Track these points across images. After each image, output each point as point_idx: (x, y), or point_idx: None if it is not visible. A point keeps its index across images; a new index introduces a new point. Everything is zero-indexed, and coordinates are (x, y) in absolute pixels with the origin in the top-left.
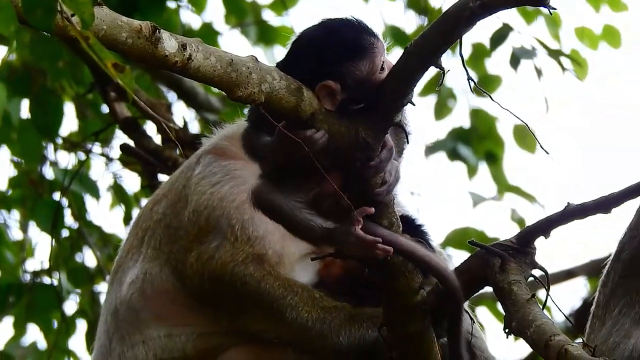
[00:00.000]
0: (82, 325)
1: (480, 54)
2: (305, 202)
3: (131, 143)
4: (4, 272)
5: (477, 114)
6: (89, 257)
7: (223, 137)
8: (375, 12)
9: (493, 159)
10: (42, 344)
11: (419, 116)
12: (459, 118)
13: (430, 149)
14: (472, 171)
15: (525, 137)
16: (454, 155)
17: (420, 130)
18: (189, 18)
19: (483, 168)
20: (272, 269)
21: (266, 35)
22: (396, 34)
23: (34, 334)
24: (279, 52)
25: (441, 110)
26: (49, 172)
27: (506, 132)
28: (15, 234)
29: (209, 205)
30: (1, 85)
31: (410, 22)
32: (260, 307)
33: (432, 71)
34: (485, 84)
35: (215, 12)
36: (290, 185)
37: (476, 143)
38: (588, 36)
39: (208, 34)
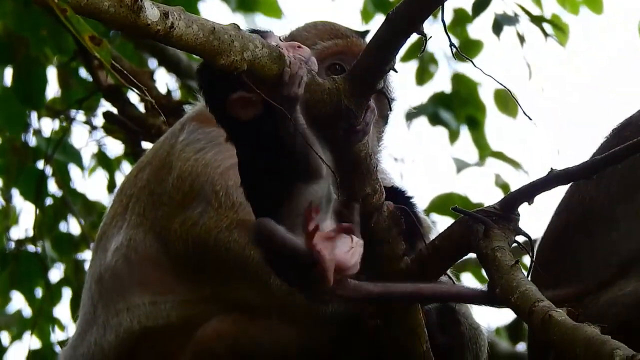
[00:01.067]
0: (66, 293)
1: (462, 19)
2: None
3: (115, 111)
4: None
5: (458, 79)
6: (73, 225)
7: None
8: None
9: (475, 124)
10: (27, 312)
11: (401, 82)
12: (441, 83)
13: (412, 114)
14: (453, 136)
15: (507, 102)
16: (435, 120)
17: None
18: None
19: (465, 134)
20: None
21: (246, 3)
22: (378, 2)
23: (18, 303)
24: (260, 20)
25: (423, 76)
26: (32, 141)
27: (488, 97)
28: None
29: (193, 171)
30: None
31: None
32: (245, 274)
33: (413, 37)
34: (467, 49)
35: None
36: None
37: (458, 108)
38: (569, 2)
39: (189, 1)
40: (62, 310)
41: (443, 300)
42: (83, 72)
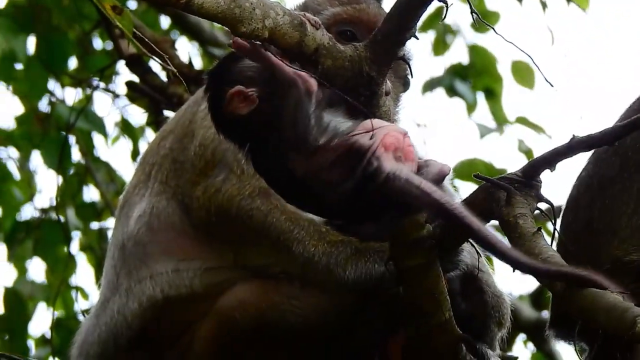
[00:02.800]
0: (87, 262)
1: None
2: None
3: (137, 80)
4: (11, 209)
5: (475, 51)
6: (96, 194)
7: None
8: None
9: (492, 95)
10: (45, 281)
11: (418, 52)
12: (457, 55)
13: (428, 86)
14: (470, 108)
15: (524, 73)
16: (452, 91)
17: (419, 67)
18: None
19: (483, 104)
20: (278, 202)
21: None
22: None
23: (36, 272)
24: None
25: (439, 47)
26: (55, 109)
27: (504, 68)
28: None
29: (215, 139)
30: (5, 22)
31: None
32: (267, 241)
33: (432, 6)
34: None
35: None
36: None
37: (475, 79)
38: None
39: None
40: (86, 278)
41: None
42: (99, 42)
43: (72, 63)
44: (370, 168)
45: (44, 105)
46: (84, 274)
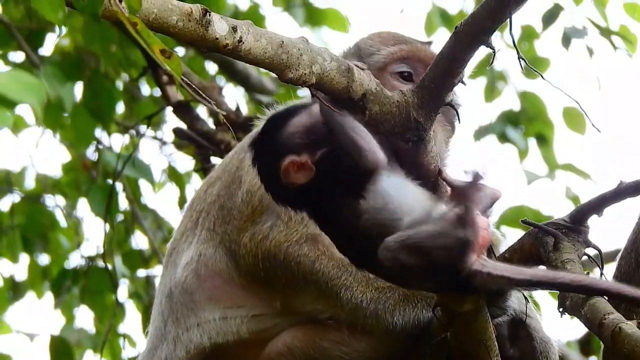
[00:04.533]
0: (135, 309)
1: (529, 35)
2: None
3: (184, 126)
4: (59, 257)
5: (526, 97)
6: (143, 241)
7: None
8: None
9: (543, 140)
10: (92, 329)
11: (470, 98)
12: (509, 101)
13: (480, 133)
14: (522, 154)
15: (575, 119)
16: (503, 138)
17: (470, 112)
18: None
19: (534, 148)
20: (326, 249)
21: (313, 17)
22: (442, 15)
23: (83, 319)
24: (326, 34)
25: (491, 93)
26: (102, 157)
27: (555, 114)
28: (70, 219)
29: None
30: (53, 69)
31: (455, 3)
32: (315, 288)
33: (481, 53)
34: (534, 66)
35: None
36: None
37: (526, 125)
38: (638, 11)
39: (256, 14)
40: (133, 325)
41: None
42: (146, 89)
43: (119, 109)
44: (461, 270)
45: (90, 152)
46: (131, 322)
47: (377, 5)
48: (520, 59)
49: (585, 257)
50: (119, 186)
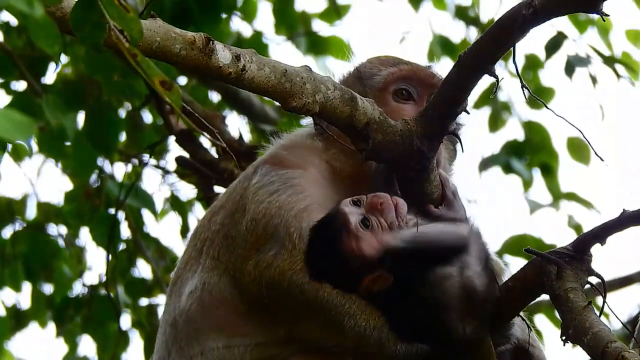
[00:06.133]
0: (139, 337)
1: (533, 64)
2: None
3: (187, 155)
4: (61, 286)
5: (530, 127)
6: (146, 270)
7: (280, 146)
8: (424, 21)
9: (548, 170)
10: (95, 358)
11: (474, 128)
12: (513, 131)
13: (485, 164)
14: (527, 185)
15: (579, 149)
16: (508, 169)
17: (475, 142)
18: (239, 26)
19: (538, 177)
20: None
21: (317, 45)
22: (444, 44)
23: (86, 348)
24: (330, 62)
25: (495, 123)
26: (104, 186)
27: (560, 144)
28: (72, 247)
29: (267, 213)
30: (55, 98)
31: (458, 32)
32: (318, 315)
33: (485, 82)
34: (539, 96)
35: (265, 22)
36: None
37: (531, 155)
38: None
39: (259, 42)
40: (136, 355)
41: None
42: (149, 118)
43: (122, 138)
44: None
45: (93, 181)
46: (134, 351)
47: (379, 35)
48: (524, 88)
49: (588, 286)
50: (121, 215)
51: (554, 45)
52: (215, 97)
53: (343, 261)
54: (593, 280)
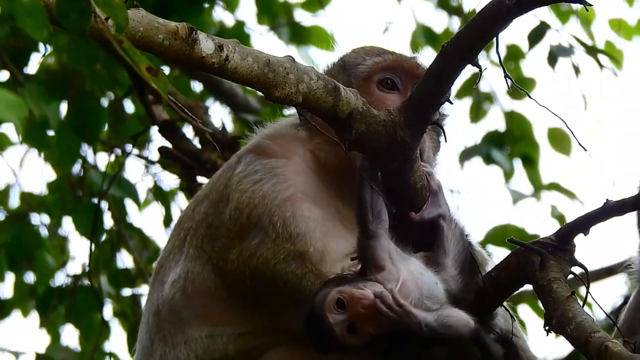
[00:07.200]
0: (122, 327)
1: (515, 55)
2: None
3: (169, 145)
4: (44, 276)
5: (512, 117)
6: (129, 260)
7: (264, 136)
8: (407, 11)
9: (529, 161)
10: (78, 348)
11: (455, 119)
12: (495, 122)
13: (466, 154)
14: (508, 176)
15: (560, 139)
16: (489, 160)
17: (456, 133)
18: (222, 16)
19: (519, 168)
20: (313, 266)
21: (299, 35)
22: (427, 34)
23: (69, 337)
24: (313, 52)
25: (477, 113)
26: (87, 176)
27: (541, 134)
28: (55, 237)
29: (251, 202)
30: (38, 88)
31: (441, 22)
32: (302, 305)
33: (467, 73)
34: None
35: (247, 12)
36: None
37: (512, 146)
38: (624, 28)
39: (242, 32)
40: (119, 344)
41: None
42: (132, 108)
43: (104, 128)
44: None
45: (76, 171)
46: (117, 340)
47: (362, 25)
48: (507, 78)
49: (571, 276)
50: (104, 205)
51: (536, 35)
52: (198, 87)
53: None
54: (576, 270)
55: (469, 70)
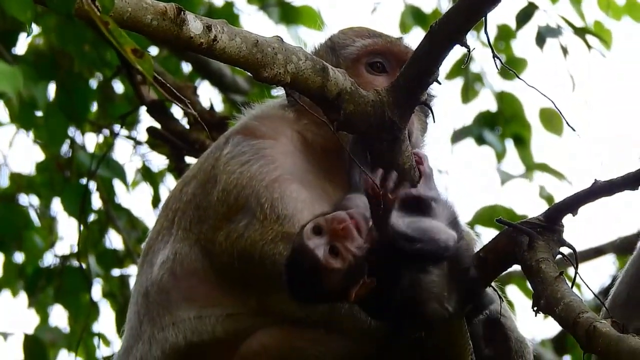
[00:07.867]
0: (110, 308)
1: (505, 35)
2: None
3: (158, 126)
4: (32, 256)
5: (503, 98)
6: (117, 241)
7: (252, 117)
8: None
9: (520, 141)
10: (67, 328)
11: (446, 100)
12: (486, 102)
13: (457, 136)
14: (499, 156)
15: (552, 119)
16: (480, 141)
17: (447, 114)
18: None
19: (511, 148)
20: None
21: (288, 15)
22: (415, 14)
23: (58, 318)
24: (302, 32)
25: (467, 94)
26: (76, 156)
27: (532, 114)
28: (44, 218)
29: (238, 184)
30: (26, 69)
31: (429, 2)
32: None
33: (457, 54)
34: (511, 67)
35: None
36: None
37: (503, 126)
38: (612, 8)
39: (231, 12)
40: (107, 325)
41: None
42: (120, 88)
43: (93, 109)
44: None
45: (64, 152)
46: (105, 321)
47: (350, 5)
48: (496, 58)
49: (559, 256)
50: (92, 186)
51: (525, 16)
52: (186, 67)
53: (326, 293)
54: (565, 250)
55: (459, 51)
